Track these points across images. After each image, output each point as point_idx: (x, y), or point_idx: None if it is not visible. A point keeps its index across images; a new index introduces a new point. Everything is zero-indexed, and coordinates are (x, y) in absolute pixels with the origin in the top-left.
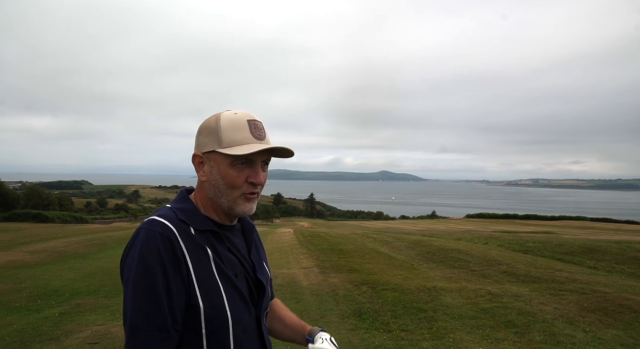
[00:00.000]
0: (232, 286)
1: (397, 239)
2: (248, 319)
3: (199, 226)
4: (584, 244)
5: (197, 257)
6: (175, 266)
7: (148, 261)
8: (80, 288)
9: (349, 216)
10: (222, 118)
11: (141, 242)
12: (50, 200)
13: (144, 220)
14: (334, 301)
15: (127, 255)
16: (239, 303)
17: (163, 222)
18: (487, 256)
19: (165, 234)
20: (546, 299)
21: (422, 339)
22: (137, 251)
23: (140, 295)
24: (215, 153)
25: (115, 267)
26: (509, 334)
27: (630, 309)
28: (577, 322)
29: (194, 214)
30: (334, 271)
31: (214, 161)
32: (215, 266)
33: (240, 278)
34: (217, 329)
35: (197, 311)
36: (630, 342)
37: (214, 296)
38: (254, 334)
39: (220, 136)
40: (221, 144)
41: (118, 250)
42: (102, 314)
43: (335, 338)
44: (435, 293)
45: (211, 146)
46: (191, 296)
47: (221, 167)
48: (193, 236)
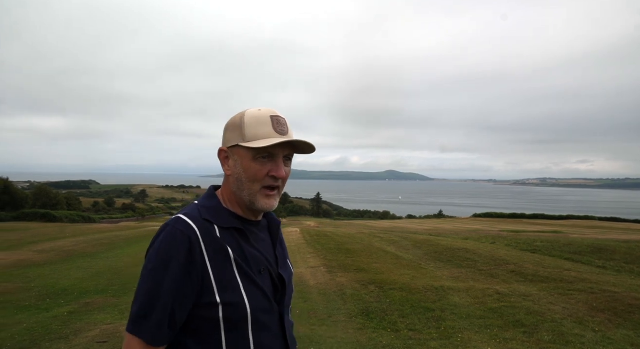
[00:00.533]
0: (254, 283)
1: (404, 239)
2: (270, 316)
3: (224, 224)
4: (592, 243)
5: (217, 257)
6: (189, 266)
7: (163, 257)
8: (88, 287)
9: (355, 215)
10: (247, 114)
11: (163, 240)
12: (58, 200)
13: (172, 217)
14: (341, 300)
15: (150, 247)
16: (260, 300)
17: (187, 222)
18: (495, 255)
19: (186, 233)
20: (555, 299)
21: (430, 339)
22: (157, 247)
23: (149, 290)
24: (239, 147)
25: (123, 266)
26: (517, 334)
27: None
28: (586, 322)
29: (219, 212)
30: (341, 271)
31: (237, 155)
32: (236, 265)
33: (264, 274)
34: (236, 325)
35: (216, 307)
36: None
37: (233, 294)
38: (277, 331)
39: (244, 131)
40: (244, 139)
41: (126, 249)
42: (110, 314)
43: (342, 338)
44: (443, 293)
45: (235, 141)
46: (208, 294)
47: (244, 161)
48: (216, 235)
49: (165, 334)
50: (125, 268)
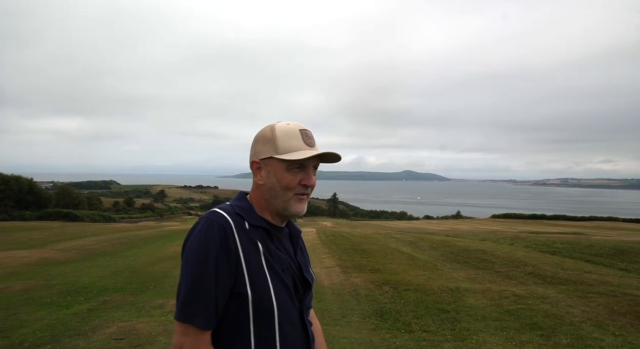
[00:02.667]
0: (279, 278)
1: (421, 239)
2: (292, 310)
3: (253, 222)
4: (615, 245)
5: (249, 249)
6: (226, 254)
7: (203, 248)
8: (107, 285)
9: (372, 215)
10: (277, 128)
11: (200, 229)
12: (80, 199)
13: (207, 211)
14: (355, 300)
15: (188, 239)
16: (284, 294)
17: (222, 214)
18: (513, 256)
19: (222, 224)
20: (574, 302)
21: (444, 341)
22: (196, 237)
23: (194, 277)
24: (273, 159)
25: (141, 265)
26: (534, 336)
27: None
28: (606, 325)
29: (249, 212)
30: (355, 271)
31: (270, 166)
32: (264, 259)
33: (286, 272)
34: (264, 317)
35: (246, 299)
36: None
37: (262, 286)
38: (298, 325)
39: (276, 144)
40: (277, 151)
41: (144, 249)
42: (128, 311)
43: (356, 338)
44: (459, 294)
45: (268, 153)
46: (240, 283)
47: (278, 172)
48: (247, 230)
49: (213, 319)
50: (143, 266)
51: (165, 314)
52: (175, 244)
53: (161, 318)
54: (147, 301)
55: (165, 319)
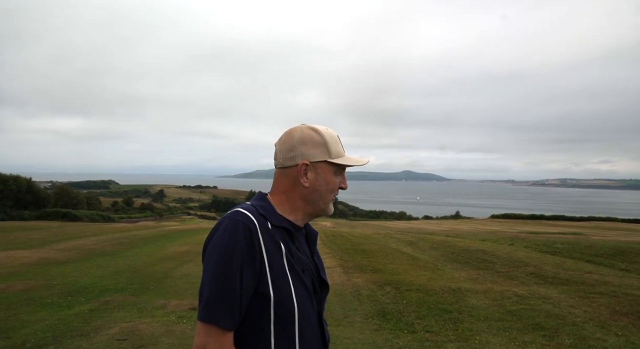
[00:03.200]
0: (300, 280)
1: (421, 240)
2: (311, 311)
3: (276, 222)
4: (615, 245)
5: (272, 249)
6: (251, 254)
7: (229, 247)
8: (108, 286)
9: (371, 216)
10: (324, 133)
11: (224, 229)
12: (79, 199)
13: (230, 211)
14: (357, 301)
15: (210, 239)
16: (304, 295)
17: (246, 214)
18: (513, 257)
19: (247, 224)
20: (575, 302)
21: (447, 341)
22: (220, 236)
23: (218, 277)
24: (325, 163)
25: (142, 265)
26: (536, 337)
27: None
28: (608, 326)
29: (271, 212)
30: (357, 271)
31: (321, 169)
32: (286, 260)
33: (306, 274)
34: (285, 318)
35: (268, 299)
36: None
37: (283, 287)
38: (316, 326)
39: (329, 148)
40: (330, 155)
41: (144, 249)
42: (130, 311)
43: (359, 338)
44: (460, 294)
45: (321, 157)
46: (263, 284)
47: (327, 175)
48: (270, 230)
49: (237, 320)
50: (144, 266)
51: (167, 314)
52: (176, 244)
53: (163, 319)
54: (149, 301)
55: (167, 319)
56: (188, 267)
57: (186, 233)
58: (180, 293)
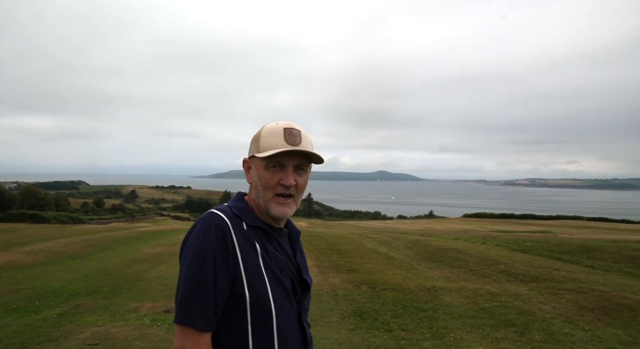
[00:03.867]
0: (277, 279)
1: (396, 239)
2: (290, 312)
3: (251, 222)
4: (581, 243)
5: (246, 250)
6: (224, 255)
7: (201, 249)
8: (78, 289)
9: (346, 215)
10: (265, 127)
11: (198, 231)
12: (47, 200)
13: (205, 212)
14: (333, 301)
15: (186, 241)
16: (282, 295)
17: (219, 215)
18: (486, 255)
19: (219, 225)
20: (545, 298)
21: (423, 339)
22: (194, 238)
23: (191, 278)
24: (254, 158)
25: (114, 268)
26: (508, 333)
27: (629, 307)
28: (576, 321)
29: (247, 212)
30: (333, 271)
31: (254, 164)
32: (262, 260)
33: (284, 274)
34: (262, 318)
35: (244, 299)
36: (629, 340)
37: (259, 287)
38: (296, 327)
39: (259, 143)
40: (259, 150)
41: (116, 251)
42: (101, 315)
43: (335, 338)
44: (435, 293)
45: (253, 152)
46: (238, 284)
47: (259, 170)
48: (245, 230)
49: (213, 320)
50: (116, 269)
51: (141, 317)
52: (149, 245)
53: (136, 322)
54: (121, 304)
55: (140, 323)
56: (162, 269)
57: (159, 234)
58: (153, 296)
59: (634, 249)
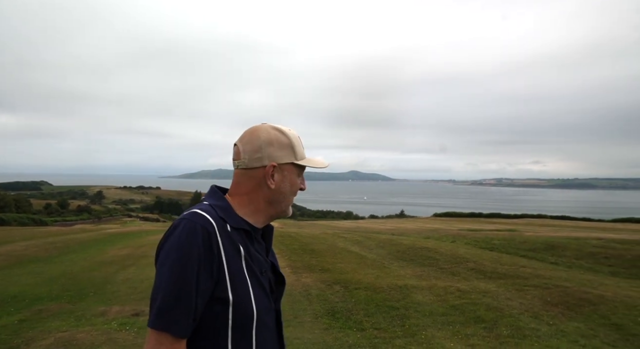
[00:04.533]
0: (258, 282)
1: (368, 239)
2: (269, 314)
3: (235, 224)
4: (545, 241)
5: (231, 253)
6: (208, 259)
7: (185, 250)
8: (41, 293)
9: (318, 215)
10: (289, 134)
11: (182, 231)
12: (6, 201)
13: (185, 212)
14: (307, 301)
15: (165, 241)
16: (263, 298)
17: (204, 215)
18: (455, 253)
19: (205, 227)
20: (512, 295)
21: (395, 337)
22: (177, 239)
23: (173, 281)
24: (291, 165)
25: (79, 271)
26: (478, 329)
27: (590, 302)
28: (541, 316)
29: (231, 213)
30: (306, 271)
31: (287, 171)
32: (245, 263)
33: (264, 276)
34: (243, 322)
35: (226, 303)
36: (590, 333)
37: (242, 291)
38: (273, 327)
39: (295, 150)
40: (296, 157)
41: (82, 253)
42: (66, 320)
43: (309, 338)
44: (407, 291)
45: (288, 159)
46: (221, 288)
47: (292, 177)
48: (229, 232)
49: (190, 327)
50: (82, 272)
51: (108, 322)
52: (116, 247)
53: (104, 327)
54: (87, 309)
55: (108, 327)
56: (130, 271)
57: (127, 236)
58: (122, 299)
59: (594, 246)
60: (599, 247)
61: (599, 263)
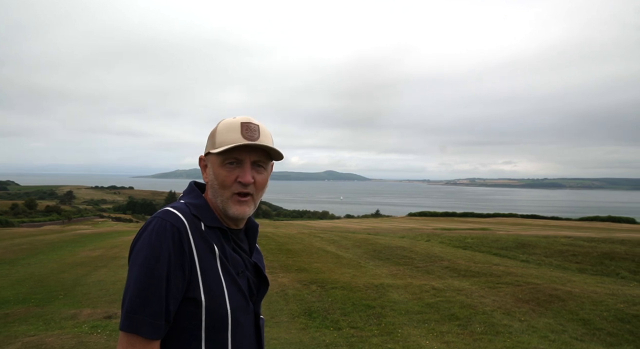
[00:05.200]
0: (234, 283)
1: (344, 238)
2: (246, 315)
3: (210, 223)
4: (516, 239)
5: (204, 252)
6: (179, 258)
7: (155, 249)
8: (7, 297)
9: (295, 215)
10: (221, 122)
11: (152, 230)
12: None
13: (159, 210)
14: (283, 301)
15: (137, 240)
16: (239, 300)
17: (176, 214)
18: (430, 252)
19: (176, 225)
20: (485, 292)
21: (372, 336)
22: (147, 238)
23: (143, 281)
24: (210, 154)
25: (48, 273)
26: (452, 327)
27: (559, 298)
28: (513, 312)
29: (206, 211)
30: (282, 271)
31: (210, 162)
32: (219, 263)
33: (241, 277)
34: (217, 324)
35: (199, 305)
36: (560, 329)
37: (216, 291)
38: (251, 330)
39: (215, 139)
40: (214, 146)
41: (51, 255)
42: (34, 324)
43: (286, 338)
44: (383, 290)
45: (208, 148)
46: (194, 289)
47: (215, 168)
48: (203, 231)
49: (163, 328)
50: (51, 274)
51: (79, 325)
52: (87, 248)
53: (74, 330)
54: (57, 312)
55: (79, 330)
56: (102, 273)
57: (99, 236)
58: (93, 301)
59: (562, 244)
60: (567, 245)
61: (567, 261)
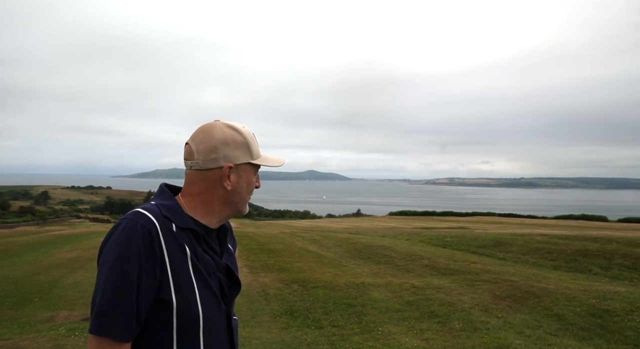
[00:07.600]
0: (206, 284)
1: (325, 237)
2: (218, 317)
3: (181, 224)
4: (494, 237)
5: (175, 254)
6: (150, 259)
7: (125, 251)
8: None
9: (276, 215)
10: (244, 132)
11: (122, 231)
12: None
13: (129, 211)
14: (265, 300)
15: (107, 241)
16: (211, 301)
17: (146, 215)
18: (410, 251)
19: (147, 226)
20: (464, 290)
21: (353, 334)
22: (116, 239)
23: (112, 282)
24: (247, 164)
25: (23, 275)
26: (432, 324)
27: (534, 295)
28: (490, 309)
29: (177, 212)
30: (264, 271)
31: (243, 171)
32: (191, 264)
33: (213, 277)
34: (188, 326)
35: (170, 306)
36: (535, 324)
37: (187, 293)
38: (224, 331)
39: (251, 150)
40: (253, 157)
41: (25, 256)
42: (8, 328)
43: (267, 338)
44: (364, 289)
45: (244, 158)
46: (165, 291)
47: (249, 176)
48: (174, 232)
49: (133, 330)
50: (26, 276)
51: (55, 328)
52: (64, 250)
53: (51, 333)
54: (32, 315)
55: (55, 333)
56: (79, 274)
57: (76, 238)
58: (70, 304)
59: (538, 242)
60: (543, 243)
61: (543, 258)
